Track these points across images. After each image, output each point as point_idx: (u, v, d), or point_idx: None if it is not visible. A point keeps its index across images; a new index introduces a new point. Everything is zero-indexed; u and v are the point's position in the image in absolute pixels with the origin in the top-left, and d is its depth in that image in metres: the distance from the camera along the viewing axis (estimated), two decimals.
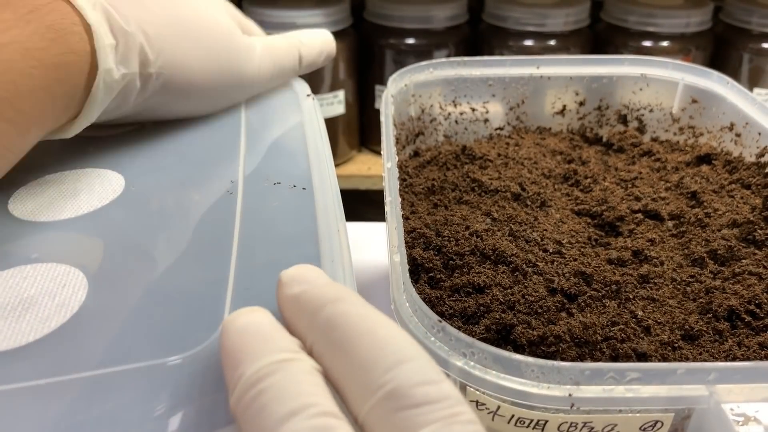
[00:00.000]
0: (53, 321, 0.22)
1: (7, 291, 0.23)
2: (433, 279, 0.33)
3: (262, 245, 0.26)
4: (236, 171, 0.31)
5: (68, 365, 0.20)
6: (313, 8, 0.88)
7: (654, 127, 0.49)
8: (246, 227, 0.27)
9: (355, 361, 0.18)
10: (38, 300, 0.23)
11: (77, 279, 0.24)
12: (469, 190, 0.40)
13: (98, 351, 0.21)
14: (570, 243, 0.36)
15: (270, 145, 0.34)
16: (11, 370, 0.20)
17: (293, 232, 0.27)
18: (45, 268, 0.25)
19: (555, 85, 0.49)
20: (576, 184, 0.42)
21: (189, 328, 0.22)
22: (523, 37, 0.90)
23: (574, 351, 0.29)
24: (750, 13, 0.89)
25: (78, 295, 0.23)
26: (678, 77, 0.48)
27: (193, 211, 0.28)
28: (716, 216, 0.38)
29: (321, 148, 0.33)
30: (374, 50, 0.95)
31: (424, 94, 0.48)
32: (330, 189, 0.30)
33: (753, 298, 0.31)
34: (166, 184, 0.30)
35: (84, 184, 0.30)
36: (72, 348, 0.21)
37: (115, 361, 0.21)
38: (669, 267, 0.34)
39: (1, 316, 0.22)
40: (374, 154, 1.04)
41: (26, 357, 0.21)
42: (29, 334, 0.22)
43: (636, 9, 0.89)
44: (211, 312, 0.23)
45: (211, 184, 0.30)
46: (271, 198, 0.29)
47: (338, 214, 0.28)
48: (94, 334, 0.22)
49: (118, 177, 0.31)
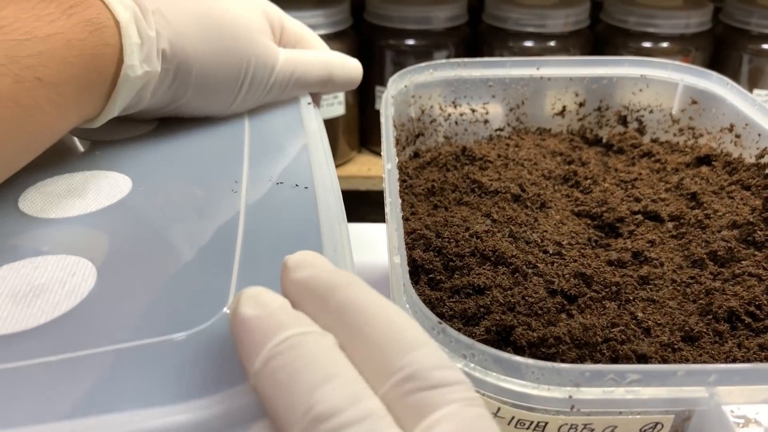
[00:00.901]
0: (63, 305, 0.23)
1: (18, 279, 0.24)
2: (433, 280, 0.33)
3: (265, 238, 0.27)
4: (240, 172, 0.32)
5: (78, 343, 0.21)
6: (313, 9, 0.88)
7: (654, 128, 0.49)
8: (250, 222, 0.28)
9: (372, 345, 0.18)
10: (49, 287, 0.24)
11: (86, 268, 0.25)
12: (469, 191, 0.40)
13: (106, 331, 0.22)
14: (570, 244, 0.36)
15: (273, 148, 0.35)
16: (24, 348, 0.21)
17: (296, 226, 0.28)
18: (55, 260, 0.26)
19: (555, 86, 0.49)
20: (576, 185, 0.42)
21: (194, 308, 0.23)
22: (523, 38, 0.90)
23: (574, 352, 0.29)
24: (749, 14, 0.89)
25: (87, 282, 0.24)
26: (678, 78, 0.48)
27: (198, 208, 0.29)
28: (716, 217, 0.38)
29: (322, 149, 0.34)
30: (374, 51, 0.95)
31: (424, 95, 0.48)
32: (331, 189, 0.30)
33: (753, 300, 0.31)
34: (172, 184, 0.31)
35: (92, 184, 0.31)
36: (82, 328, 0.22)
37: (123, 339, 0.22)
38: (669, 268, 0.34)
39: (14, 301, 0.23)
40: (374, 155, 1.04)
41: (38, 337, 0.22)
42: (40, 317, 0.23)
43: (636, 10, 0.89)
44: (215, 294, 0.24)
45: (215, 184, 0.31)
46: (274, 196, 0.30)
47: (339, 212, 0.29)
48: (103, 317, 0.23)
49: (126, 179, 0.32)
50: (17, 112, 0.26)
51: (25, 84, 0.26)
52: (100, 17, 0.29)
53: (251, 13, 0.36)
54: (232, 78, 0.35)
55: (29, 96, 0.26)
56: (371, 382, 0.18)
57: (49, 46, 0.27)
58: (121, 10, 0.30)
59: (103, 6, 0.30)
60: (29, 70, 0.26)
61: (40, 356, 0.21)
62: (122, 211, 0.29)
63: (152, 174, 0.32)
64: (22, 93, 0.26)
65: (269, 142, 0.35)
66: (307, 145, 0.34)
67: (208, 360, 0.21)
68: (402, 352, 0.18)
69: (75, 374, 0.20)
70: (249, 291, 0.20)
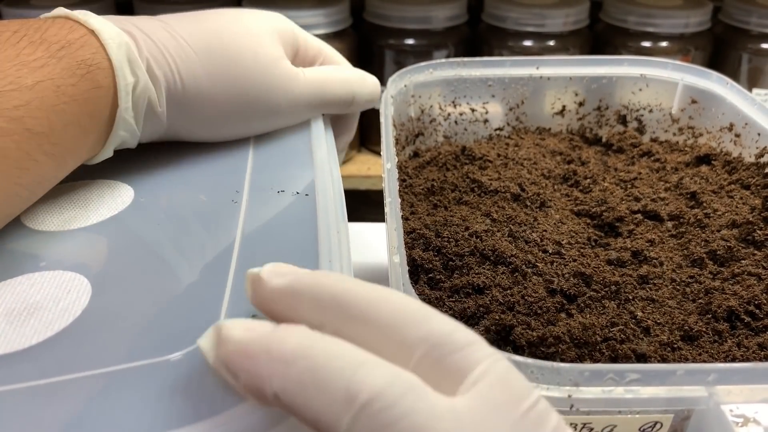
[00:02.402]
0: (56, 324, 0.23)
1: (14, 297, 0.24)
2: (432, 280, 0.33)
3: (261, 250, 0.27)
4: (243, 180, 0.32)
5: (70, 365, 0.21)
6: (313, 8, 0.88)
7: (653, 127, 0.49)
8: (247, 234, 0.28)
9: (382, 326, 0.19)
10: (43, 305, 0.24)
11: (81, 285, 0.25)
12: (469, 190, 0.40)
13: (99, 351, 0.22)
14: (569, 244, 0.36)
15: (277, 154, 0.35)
16: (15, 371, 0.21)
17: (293, 235, 0.28)
18: (51, 276, 0.25)
19: (554, 86, 0.49)
20: (575, 184, 0.42)
21: (188, 327, 0.22)
22: (523, 38, 0.90)
23: (573, 352, 0.29)
24: (749, 14, 0.89)
25: (81, 300, 0.24)
26: (677, 77, 0.48)
27: (198, 221, 0.29)
28: (716, 216, 0.38)
29: (326, 154, 0.34)
30: (374, 50, 0.95)
31: (423, 94, 0.48)
32: (332, 194, 0.30)
33: (752, 299, 0.31)
34: (174, 194, 0.31)
35: (94, 194, 0.31)
36: (74, 349, 0.22)
37: (117, 360, 0.21)
38: (668, 268, 0.34)
39: (7, 321, 0.23)
40: (374, 154, 1.03)
41: (29, 359, 0.21)
42: (32, 337, 0.22)
43: (635, 9, 0.89)
44: (210, 312, 0.23)
45: (217, 194, 0.31)
46: (273, 205, 0.30)
47: (340, 218, 0.28)
48: (96, 336, 0.22)
49: (128, 188, 0.32)
50: (7, 166, 0.25)
51: (13, 137, 0.25)
52: (95, 57, 0.28)
53: (263, 38, 0.34)
54: (239, 110, 0.34)
55: (19, 148, 0.25)
56: (394, 359, 0.18)
57: (37, 94, 0.26)
58: (114, 48, 0.29)
59: (97, 44, 0.28)
60: (17, 122, 0.25)
61: (30, 379, 0.20)
62: (122, 224, 0.29)
63: (155, 184, 0.32)
64: (10, 146, 0.25)
65: (274, 148, 0.35)
66: (312, 150, 0.34)
67: (205, 380, 0.20)
68: (416, 325, 0.18)
69: (65, 398, 0.20)
70: (225, 322, 0.19)
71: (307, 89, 0.36)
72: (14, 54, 0.26)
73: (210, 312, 0.23)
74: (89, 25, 0.29)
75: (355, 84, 0.38)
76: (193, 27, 0.32)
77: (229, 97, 0.33)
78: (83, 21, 0.29)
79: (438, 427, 0.16)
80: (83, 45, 0.28)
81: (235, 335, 0.18)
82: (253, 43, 0.34)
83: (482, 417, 0.17)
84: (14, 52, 0.26)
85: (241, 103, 0.33)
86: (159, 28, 0.31)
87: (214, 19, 0.33)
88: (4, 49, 0.26)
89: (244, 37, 0.33)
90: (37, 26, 0.27)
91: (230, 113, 0.34)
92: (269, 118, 0.35)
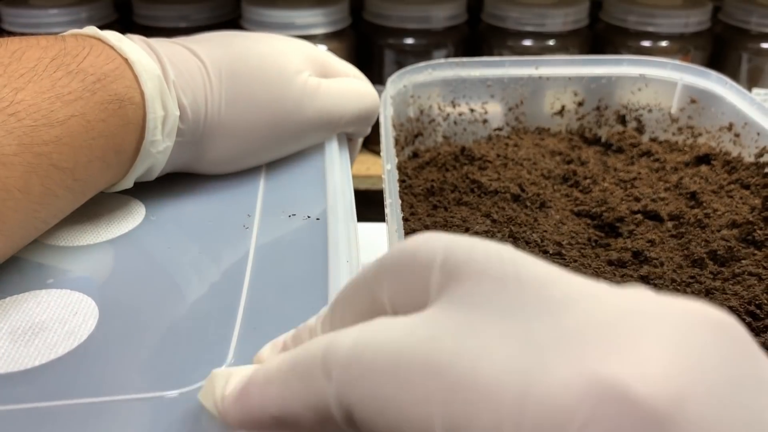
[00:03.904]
0: (60, 348, 0.23)
1: (20, 315, 0.24)
2: None
3: (272, 281, 0.26)
4: (254, 204, 0.32)
5: (68, 391, 0.21)
6: (312, 8, 0.87)
7: (653, 127, 0.49)
8: (257, 262, 0.28)
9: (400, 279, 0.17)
10: (48, 326, 0.24)
11: (89, 307, 0.25)
12: (469, 191, 0.40)
13: (99, 381, 0.22)
14: (570, 244, 0.36)
15: (289, 176, 0.34)
16: (15, 391, 0.21)
17: (303, 269, 0.27)
18: (59, 294, 0.25)
19: (554, 86, 0.49)
20: (575, 184, 0.42)
21: (191, 364, 0.22)
22: (522, 37, 0.90)
23: None
24: (749, 13, 0.89)
25: (88, 323, 0.24)
26: (677, 77, 0.48)
27: (208, 247, 0.29)
28: (716, 216, 0.38)
29: (339, 175, 0.34)
30: (373, 50, 0.95)
31: (423, 94, 0.48)
32: (344, 218, 0.30)
33: (753, 299, 0.31)
34: (185, 215, 0.31)
35: (105, 209, 0.31)
36: (75, 375, 0.22)
37: (114, 390, 0.21)
38: (669, 268, 0.34)
39: (12, 339, 0.23)
40: (373, 154, 1.03)
41: (30, 381, 0.21)
42: (36, 358, 0.22)
43: (635, 9, 0.89)
44: (215, 350, 0.23)
45: (228, 218, 0.31)
46: (284, 230, 0.30)
47: (352, 245, 0.28)
48: (99, 363, 0.22)
49: (140, 205, 0.31)
50: (27, 202, 0.24)
51: (38, 172, 0.24)
52: (128, 92, 0.27)
53: (289, 55, 0.34)
54: (270, 133, 0.33)
55: (41, 184, 0.25)
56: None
57: (67, 130, 0.25)
58: (148, 83, 0.28)
59: (131, 77, 0.28)
60: (44, 158, 0.24)
61: (29, 401, 0.20)
62: (132, 243, 0.29)
63: (166, 202, 0.32)
64: (34, 181, 0.24)
65: (286, 169, 0.35)
66: (325, 173, 0.34)
67: (201, 421, 0.20)
68: (425, 276, 0.16)
69: (61, 424, 0.20)
70: (223, 371, 0.19)
71: (329, 100, 0.35)
72: (49, 85, 0.25)
73: (215, 351, 0.23)
74: (124, 54, 0.28)
75: (359, 98, 0.38)
76: (219, 52, 0.32)
77: (259, 121, 0.32)
78: (117, 48, 0.28)
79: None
80: (118, 78, 0.27)
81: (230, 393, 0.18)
82: (278, 60, 0.33)
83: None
84: (50, 83, 0.25)
85: (272, 124, 0.33)
86: (186, 57, 0.31)
87: (239, 43, 0.33)
88: (40, 79, 0.25)
89: (267, 57, 0.33)
90: (75, 53, 0.27)
91: (263, 138, 0.33)
92: (300, 135, 0.35)
